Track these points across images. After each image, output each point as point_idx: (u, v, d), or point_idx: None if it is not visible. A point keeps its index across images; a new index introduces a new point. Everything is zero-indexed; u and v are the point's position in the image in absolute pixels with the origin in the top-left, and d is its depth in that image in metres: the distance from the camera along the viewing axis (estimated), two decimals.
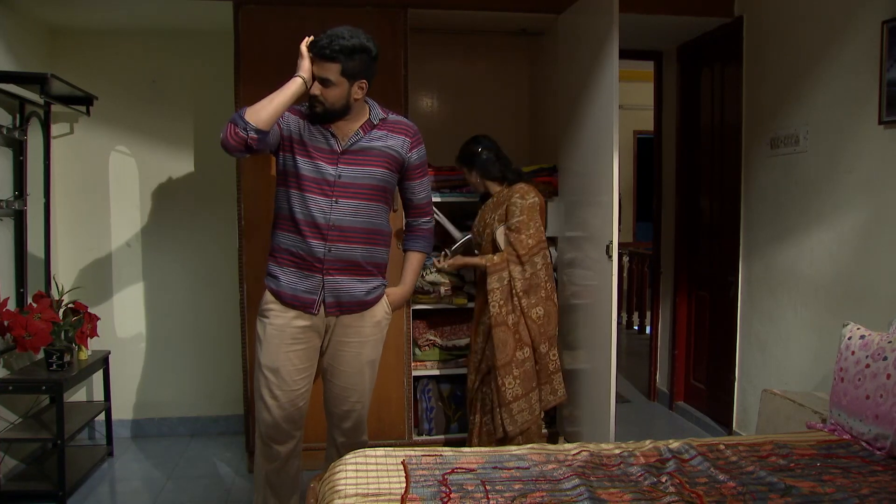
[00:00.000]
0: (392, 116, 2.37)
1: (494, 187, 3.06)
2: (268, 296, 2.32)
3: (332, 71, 2.16)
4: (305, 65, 2.19)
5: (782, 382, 3.15)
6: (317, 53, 2.17)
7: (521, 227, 2.90)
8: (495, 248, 2.96)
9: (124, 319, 3.80)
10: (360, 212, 2.27)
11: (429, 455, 1.95)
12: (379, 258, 2.37)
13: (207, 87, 3.74)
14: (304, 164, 2.25)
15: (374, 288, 2.36)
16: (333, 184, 2.24)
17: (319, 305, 2.30)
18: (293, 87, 2.18)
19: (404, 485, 1.76)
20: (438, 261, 3.08)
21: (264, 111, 2.13)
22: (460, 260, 3.05)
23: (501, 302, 2.91)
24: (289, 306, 2.29)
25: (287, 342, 2.29)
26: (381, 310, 2.40)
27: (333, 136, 2.26)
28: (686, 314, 4.21)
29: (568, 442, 2.75)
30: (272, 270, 2.33)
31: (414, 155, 2.37)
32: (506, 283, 2.90)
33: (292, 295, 2.29)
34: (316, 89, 2.19)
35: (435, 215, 2.72)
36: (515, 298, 2.91)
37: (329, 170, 2.24)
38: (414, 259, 2.51)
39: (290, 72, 2.20)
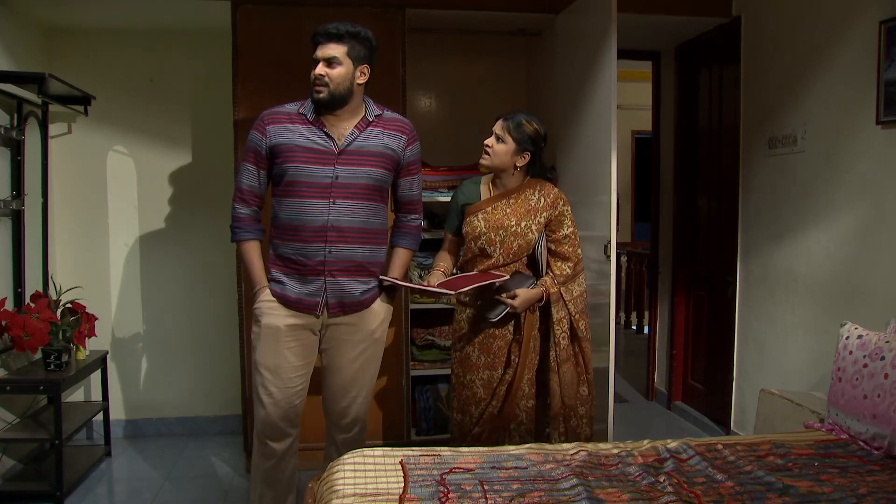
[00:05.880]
0: (387, 113, 2.37)
1: (515, 181, 2.50)
2: (266, 295, 2.32)
3: (339, 50, 2.20)
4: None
5: (780, 382, 3.15)
6: (323, 34, 2.20)
7: (575, 239, 2.52)
8: (529, 263, 2.51)
9: (122, 319, 3.79)
10: (357, 212, 2.27)
11: (427, 455, 1.95)
12: (380, 258, 2.39)
13: (205, 87, 3.74)
14: (298, 170, 2.24)
15: (373, 287, 2.37)
16: (331, 185, 2.24)
17: (323, 308, 2.31)
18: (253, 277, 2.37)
19: (402, 485, 1.76)
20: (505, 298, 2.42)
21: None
22: (530, 295, 2.42)
23: (567, 333, 2.49)
24: (293, 309, 2.30)
25: (283, 340, 2.30)
26: (383, 306, 2.41)
27: (329, 136, 2.26)
28: (684, 314, 4.21)
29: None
30: (275, 276, 2.33)
31: (409, 152, 2.38)
32: (567, 309, 2.48)
33: (297, 299, 2.30)
34: (321, 69, 2.20)
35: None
36: (573, 324, 2.51)
37: (326, 171, 2.24)
38: (402, 255, 2.49)
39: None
